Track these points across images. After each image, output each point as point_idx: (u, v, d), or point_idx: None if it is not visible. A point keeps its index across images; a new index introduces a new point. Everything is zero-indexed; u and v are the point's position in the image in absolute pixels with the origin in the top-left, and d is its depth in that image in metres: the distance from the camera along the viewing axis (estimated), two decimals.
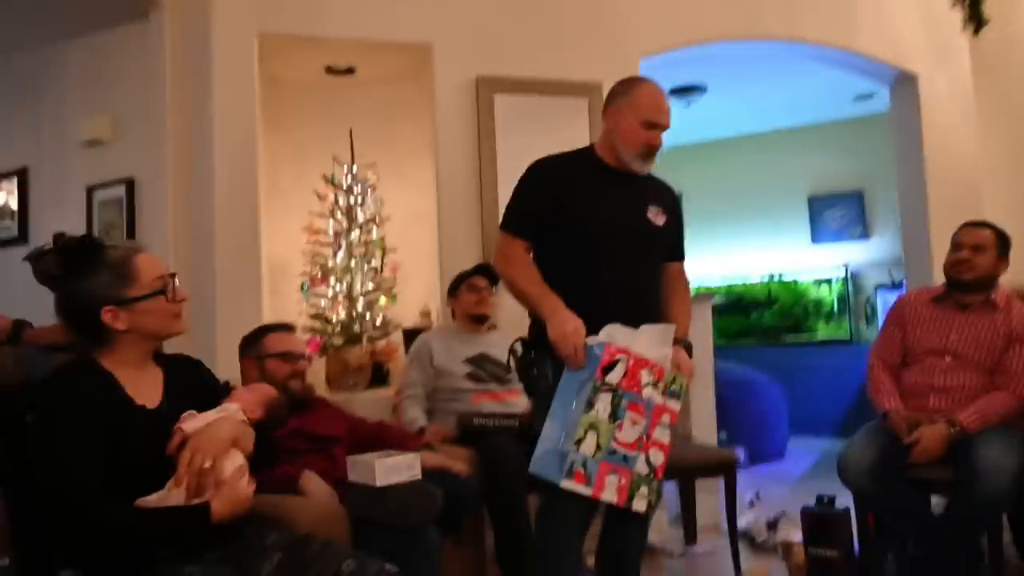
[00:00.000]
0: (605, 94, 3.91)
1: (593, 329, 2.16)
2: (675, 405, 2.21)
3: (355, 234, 4.02)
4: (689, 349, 2.35)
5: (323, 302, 3.94)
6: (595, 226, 2.31)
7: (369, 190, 4.12)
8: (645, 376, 2.15)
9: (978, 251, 2.92)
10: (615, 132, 2.36)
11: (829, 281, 7.28)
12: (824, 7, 4.43)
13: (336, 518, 2.14)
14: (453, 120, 3.80)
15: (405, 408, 3.21)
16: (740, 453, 5.40)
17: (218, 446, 1.79)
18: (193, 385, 2.00)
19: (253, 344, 2.62)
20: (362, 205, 4.07)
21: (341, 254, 3.99)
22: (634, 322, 2.21)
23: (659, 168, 2.43)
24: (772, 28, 4.31)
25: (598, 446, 2.09)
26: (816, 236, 7.43)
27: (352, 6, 3.71)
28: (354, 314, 3.92)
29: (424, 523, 2.15)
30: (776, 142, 7.53)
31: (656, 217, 2.38)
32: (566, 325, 2.14)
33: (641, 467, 2.14)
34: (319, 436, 2.54)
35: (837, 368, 5.88)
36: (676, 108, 6.14)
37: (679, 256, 2.54)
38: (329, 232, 4.03)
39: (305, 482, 2.31)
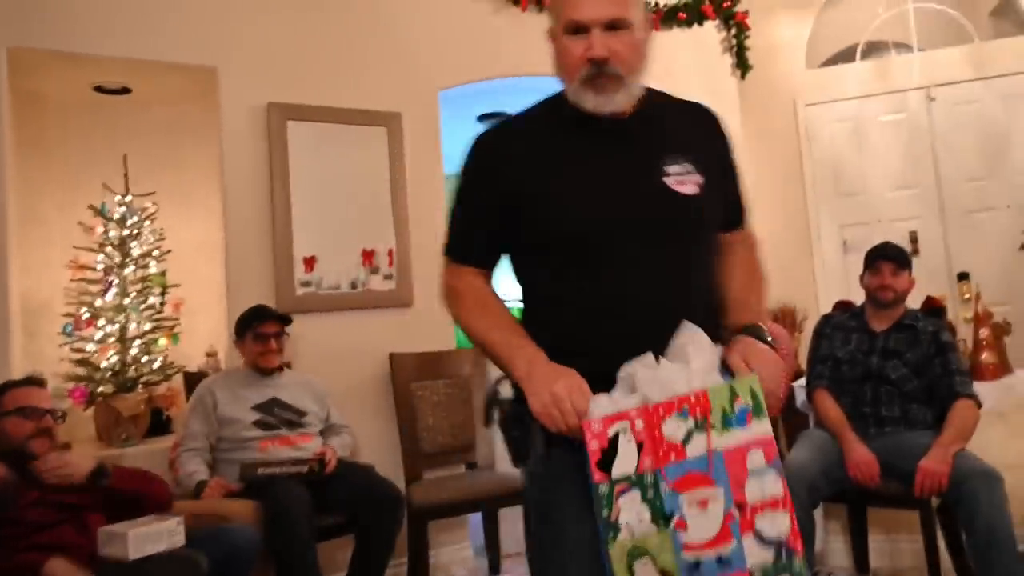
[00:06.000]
0: (404, 123, 3.89)
1: (609, 373, 1.36)
2: (761, 428, 1.33)
3: (129, 269, 3.64)
4: (759, 336, 1.45)
5: (90, 346, 3.51)
6: (582, 221, 1.43)
7: (147, 221, 3.75)
8: (675, 425, 1.32)
9: None
10: (556, 67, 1.49)
11: None
12: None
13: None
14: (242, 146, 3.52)
15: (183, 462, 2.89)
16: None
17: None
18: None
19: None
20: (138, 237, 3.70)
21: (112, 292, 3.59)
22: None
23: None
24: None
25: (663, 574, 1.29)
26: None
27: (121, 25, 3.34)
28: (128, 358, 3.52)
29: None
30: None
31: (681, 183, 1.46)
32: (550, 386, 1.32)
33: (756, 555, 1.30)
34: (68, 504, 2.19)
35: None
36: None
37: (738, 219, 1.63)
38: (98, 268, 3.62)
39: (50, 570, 1.98)
